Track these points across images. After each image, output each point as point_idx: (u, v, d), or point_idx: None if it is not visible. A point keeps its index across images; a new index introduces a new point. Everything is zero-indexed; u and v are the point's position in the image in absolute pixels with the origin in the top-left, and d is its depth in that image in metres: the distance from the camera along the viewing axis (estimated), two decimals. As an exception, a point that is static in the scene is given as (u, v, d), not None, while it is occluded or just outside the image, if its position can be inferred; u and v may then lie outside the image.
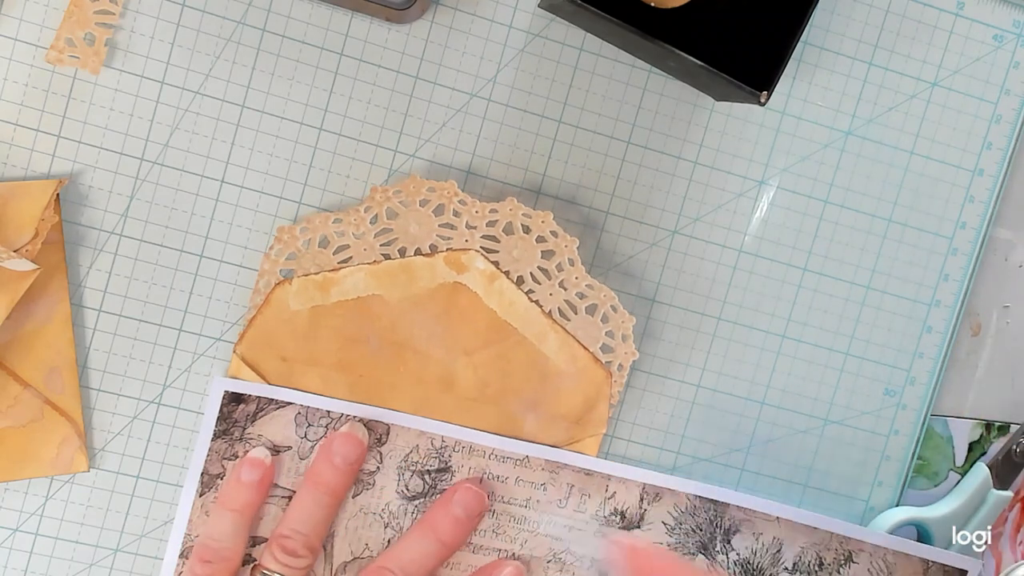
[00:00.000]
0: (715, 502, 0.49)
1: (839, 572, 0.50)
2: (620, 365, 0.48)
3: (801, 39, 0.43)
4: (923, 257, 0.50)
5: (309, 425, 0.46)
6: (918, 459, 0.51)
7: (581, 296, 0.47)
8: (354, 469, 0.46)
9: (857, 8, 0.48)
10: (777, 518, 0.49)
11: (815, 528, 0.49)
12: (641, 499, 0.48)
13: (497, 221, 0.46)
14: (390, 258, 0.46)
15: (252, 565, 0.46)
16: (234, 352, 0.46)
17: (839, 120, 0.49)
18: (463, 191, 0.46)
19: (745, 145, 0.49)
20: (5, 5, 0.44)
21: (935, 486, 0.52)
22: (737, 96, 0.44)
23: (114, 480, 0.46)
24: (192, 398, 0.46)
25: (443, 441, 0.47)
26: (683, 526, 0.49)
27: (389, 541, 0.47)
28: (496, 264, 0.46)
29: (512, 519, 0.48)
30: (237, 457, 0.46)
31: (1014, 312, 0.52)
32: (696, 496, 0.49)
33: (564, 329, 0.47)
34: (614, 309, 0.47)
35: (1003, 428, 0.52)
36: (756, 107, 0.48)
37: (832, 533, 0.49)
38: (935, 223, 0.50)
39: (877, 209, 0.50)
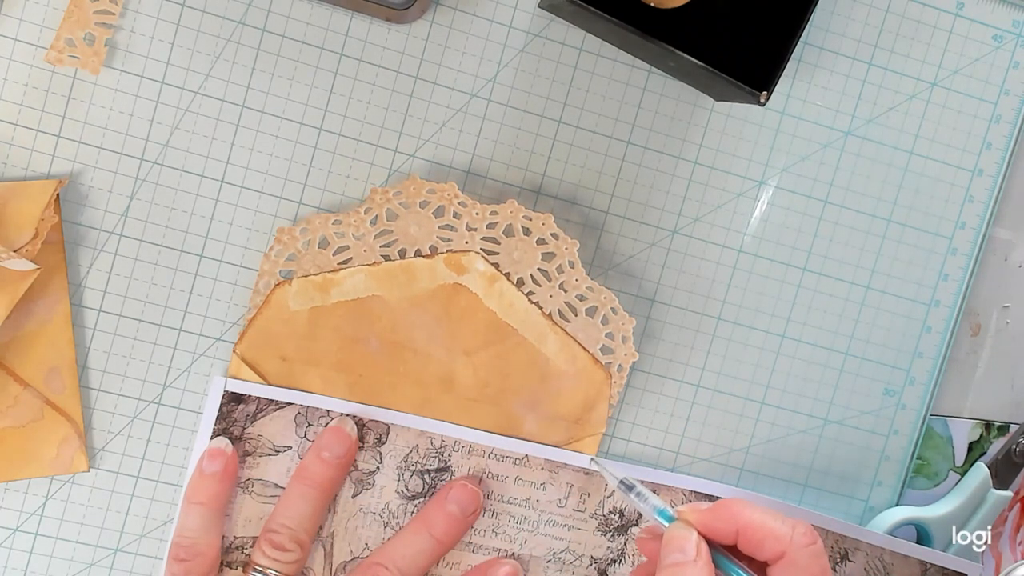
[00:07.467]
0: (710, 497, 0.49)
1: (835, 570, 0.50)
2: (620, 366, 0.48)
3: (801, 39, 0.43)
4: (923, 257, 0.50)
5: (309, 425, 0.46)
6: (918, 459, 0.51)
7: (581, 298, 0.47)
8: (342, 463, 0.46)
9: (857, 8, 0.48)
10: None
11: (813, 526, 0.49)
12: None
13: (497, 223, 0.46)
14: (390, 259, 0.46)
15: (245, 564, 0.46)
16: (234, 352, 0.46)
17: (839, 120, 0.49)
18: (463, 191, 0.46)
19: (745, 145, 0.49)
20: (5, 5, 0.44)
21: (935, 486, 0.52)
22: (737, 96, 0.44)
23: (114, 480, 0.46)
24: (192, 398, 0.46)
25: (443, 441, 0.47)
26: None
27: (389, 541, 0.47)
28: (496, 266, 0.46)
29: (511, 519, 0.48)
30: (237, 457, 0.46)
31: (1014, 312, 0.52)
32: (691, 491, 0.49)
33: (564, 330, 0.47)
34: (614, 311, 0.47)
35: (1003, 428, 0.52)
36: (756, 107, 0.48)
37: (828, 531, 0.49)
38: (935, 223, 0.50)
39: (877, 209, 0.50)
